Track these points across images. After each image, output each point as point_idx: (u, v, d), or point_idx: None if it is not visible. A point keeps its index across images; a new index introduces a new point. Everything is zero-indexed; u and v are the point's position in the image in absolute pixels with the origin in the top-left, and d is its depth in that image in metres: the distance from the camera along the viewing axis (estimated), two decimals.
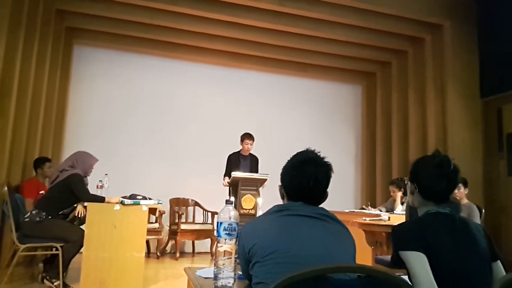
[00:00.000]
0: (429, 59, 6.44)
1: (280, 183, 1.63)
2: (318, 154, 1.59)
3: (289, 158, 1.62)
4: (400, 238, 1.61)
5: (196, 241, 6.67)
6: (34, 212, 3.87)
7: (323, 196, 1.57)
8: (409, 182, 1.78)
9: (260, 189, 5.11)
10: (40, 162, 5.12)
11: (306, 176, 1.51)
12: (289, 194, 1.58)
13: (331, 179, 1.58)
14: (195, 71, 7.26)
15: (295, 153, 1.63)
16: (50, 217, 3.89)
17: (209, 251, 6.58)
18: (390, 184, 5.73)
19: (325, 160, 1.58)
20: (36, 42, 5.37)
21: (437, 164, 1.67)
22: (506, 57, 5.71)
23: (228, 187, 5.38)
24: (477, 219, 3.99)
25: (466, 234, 1.60)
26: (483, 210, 4.34)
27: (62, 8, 5.92)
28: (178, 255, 6.09)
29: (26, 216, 3.89)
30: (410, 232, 1.60)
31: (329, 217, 1.52)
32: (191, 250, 6.79)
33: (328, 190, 1.58)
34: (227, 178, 5.40)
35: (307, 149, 1.62)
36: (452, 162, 1.68)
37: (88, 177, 4.24)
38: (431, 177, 1.67)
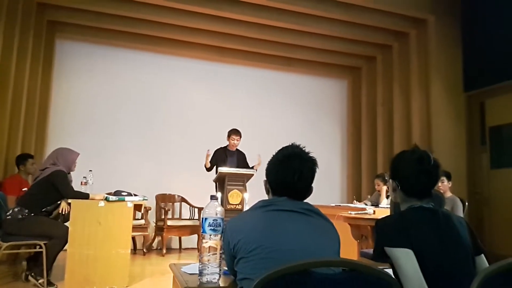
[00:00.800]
0: (413, 53, 6.49)
1: (265, 178, 1.62)
2: (303, 149, 1.58)
3: (274, 153, 1.61)
4: (385, 233, 1.60)
5: (182, 237, 6.65)
6: (16, 209, 3.80)
7: (308, 191, 1.57)
8: (390, 179, 1.77)
9: (247, 184, 5.11)
10: (22, 159, 5.03)
11: (291, 171, 1.51)
12: (274, 189, 1.58)
13: (317, 174, 1.58)
14: (180, 66, 7.21)
15: (280, 148, 1.62)
16: (33, 214, 3.83)
17: (196, 246, 6.57)
18: (375, 177, 5.78)
19: (310, 155, 1.57)
20: (16, 36, 5.27)
21: (417, 160, 1.66)
22: (489, 51, 5.79)
23: (215, 183, 5.37)
24: (460, 212, 4.05)
25: (449, 228, 1.60)
26: (466, 203, 4.41)
27: (43, 1, 5.80)
28: (164, 251, 6.07)
29: (8, 213, 3.82)
30: (395, 227, 1.59)
31: (314, 212, 1.52)
32: (178, 246, 6.77)
33: (314, 184, 1.58)
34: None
35: (292, 144, 1.61)
36: (432, 157, 1.68)
37: (71, 174, 4.18)
38: (412, 174, 1.66)
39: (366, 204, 5.43)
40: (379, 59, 7.34)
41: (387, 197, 5.31)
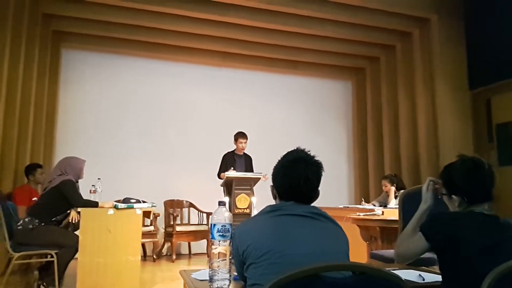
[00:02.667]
0: (417, 53, 6.48)
1: (271, 184, 1.63)
2: (309, 152, 1.59)
3: (280, 158, 1.62)
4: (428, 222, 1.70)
5: (192, 242, 6.66)
6: (26, 219, 3.84)
7: (315, 195, 1.57)
8: (452, 196, 1.75)
9: (254, 188, 5.11)
10: (31, 169, 5.08)
11: (296, 175, 1.51)
12: (280, 194, 1.58)
13: (324, 175, 1.58)
14: (185, 72, 7.25)
15: (286, 152, 1.63)
16: (43, 224, 3.86)
17: (206, 252, 6.58)
18: (383, 178, 5.76)
19: (316, 158, 1.57)
20: (22, 46, 5.33)
21: (474, 167, 1.69)
22: (493, 48, 5.76)
23: (222, 187, 5.38)
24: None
25: (506, 237, 1.58)
26: None
27: (48, 11, 5.87)
28: (174, 257, 6.08)
29: (19, 224, 3.85)
30: (439, 224, 1.65)
31: (321, 215, 1.52)
32: (187, 252, 6.78)
33: (321, 186, 1.58)
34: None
35: (297, 148, 1.62)
36: (484, 161, 1.71)
37: (79, 182, 4.20)
38: (474, 182, 1.67)
39: (375, 205, 5.41)
40: (383, 60, 7.32)
41: (396, 197, 5.29)
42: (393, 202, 5.28)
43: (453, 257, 1.56)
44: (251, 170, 5.59)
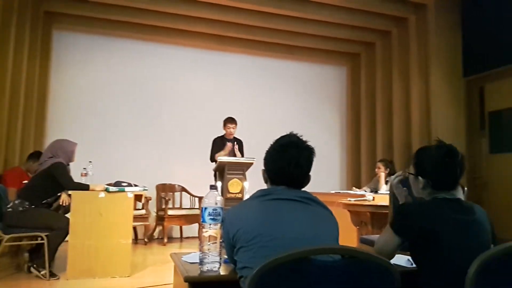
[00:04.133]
0: (412, 39, 6.45)
1: (263, 168, 1.62)
2: (301, 137, 1.58)
3: (272, 143, 1.61)
4: (396, 218, 1.72)
5: (183, 226, 6.68)
6: (17, 202, 3.82)
7: (305, 179, 1.57)
8: (418, 177, 1.78)
9: (247, 173, 5.12)
10: (34, 156, 4.93)
11: (287, 159, 1.52)
12: (271, 178, 1.58)
13: (316, 161, 1.58)
14: (179, 55, 7.17)
15: (278, 136, 1.62)
16: (33, 206, 3.84)
17: (197, 235, 6.60)
18: (378, 161, 5.77)
19: (308, 143, 1.58)
20: (13, 27, 5.24)
21: (446, 154, 1.70)
22: (488, 36, 5.74)
23: (214, 172, 5.38)
24: (460, 197, 4.06)
25: (471, 217, 1.64)
26: (466, 188, 4.41)
27: None
28: (166, 240, 6.10)
29: (9, 206, 3.83)
30: (407, 217, 1.69)
31: (312, 200, 1.53)
32: (179, 235, 6.81)
33: (313, 171, 1.58)
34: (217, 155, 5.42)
35: (289, 133, 1.61)
36: (458, 150, 1.73)
37: (70, 165, 4.17)
38: (442, 168, 1.70)
39: (366, 191, 5.44)
40: (378, 45, 7.29)
41: (386, 182, 5.32)
42: (384, 188, 5.31)
43: (425, 247, 1.60)
44: (242, 154, 5.59)
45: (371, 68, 7.48)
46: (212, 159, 5.55)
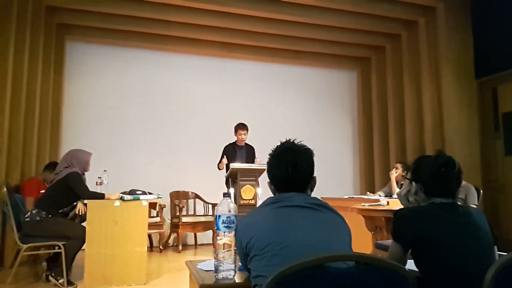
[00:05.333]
0: (423, 42, 6.42)
1: (268, 180, 1.65)
2: (296, 142, 1.61)
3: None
4: (393, 225, 1.73)
5: (198, 233, 6.71)
6: (34, 211, 3.88)
7: (309, 181, 1.58)
8: (412, 182, 1.81)
9: (259, 179, 5.13)
10: (51, 167, 4.98)
11: (284, 164, 1.54)
12: (275, 186, 1.60)
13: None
14: (188, 63, 7.23)
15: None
16: (50, 216, 3.90)
17: (212, 242, 6.62)
18: (398, 162, 5.64)
19: (304, 146, 1.60)
20: (27, 40, 5.34)
21: (442, 165, 1.71)
22: (500, 37, 5.70)
23: (226, 178, 5.41)
24: (475, 200, 4.02)
25: (469, 221, 1.64)
26: (481, 191, 4.37)
27: (52, 4, 5.87)
28: (180, 247, 6.13)
29: (26, 216, 3.90)
30: (402, 223, 1.71)
31: (323, 206, 1.53)
32: (193, 242, 6.83)
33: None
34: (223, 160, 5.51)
35: (286, 140, 1.64)
36: (456, 162, 1.73)
37: (85, 174, 4.23)
38: (436, 178, 1.71)
39: (380, 195, 5.39)
40: (388, 49, 7.26)
41: (402, 186, 5.25)
42: (397, 191, 5.23)
43: (425, 251, 1.61)
44: (253, 161, 5.61)
45: (382, 72, 7.46)
46: (218, 167, 5.60)
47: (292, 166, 1.53)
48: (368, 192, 5.88)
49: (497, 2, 5.78)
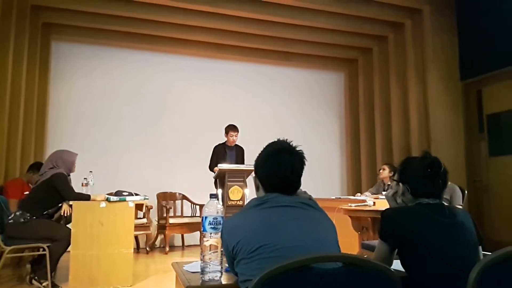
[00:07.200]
0: (409, 43, 6.49)
1: (253, 175, 1.63)
2: (291, 143, 1.59)
3: (262, 149, 1.62)
4: (380, 224, 1.74)
5: (185, 235, 6.67)
6: (18, 213, 3.82)
7: (299, 184, 1.58)
8: (399, 184, 1.84)
9: (247, 180, 5.12)
10: (35, 168, 4.93)
11: (282, 165, 1.52)
12: (265, 184, 1.57)
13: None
14: (177, 63, 7.19)
15: (268, 144, 1.63)
16: (34, 217, 3.84)
17: (199, 243, 6.58)
18: (386, 163, 5.71)
19: (298, 149, 1.59)
20: (12, 39, 5.27)
21: (428, 166, 1.73)
22: (485, 39, 5.78)
23: (215, 179, 5.38)
24: (459, 200, 4.07)
25: (454, 222, 1.66)
26: (466, 191, 4.42)
27: (37, 3, 5.79)
28: (167, 249, 6.09)
29: (10, 217, 3.83)
30: (389, 222, 1.72)
31: (307, 204, 1.53)
32: (180, 244, 6.79)
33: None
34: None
35: (279, 139, 1.62)
36: (442, 163, 1.75)
37: (71, 175, 4.18)
38: (422, 179, 1.74)
39: (367, 195, 5.42)
40: (375, 51, 7.33)
41: (389, 187, 5.30)
42: (385, 193, 5.27)
43: (410, 251, 1.63)
44: (243, 162, 5.60)
45: (369, 73, 7.52)
46: (211, 168, 5.55)
47: (290, 169, 1.52)
48: (358, 194, 5.91)
49: (482, 5, 5.86)
